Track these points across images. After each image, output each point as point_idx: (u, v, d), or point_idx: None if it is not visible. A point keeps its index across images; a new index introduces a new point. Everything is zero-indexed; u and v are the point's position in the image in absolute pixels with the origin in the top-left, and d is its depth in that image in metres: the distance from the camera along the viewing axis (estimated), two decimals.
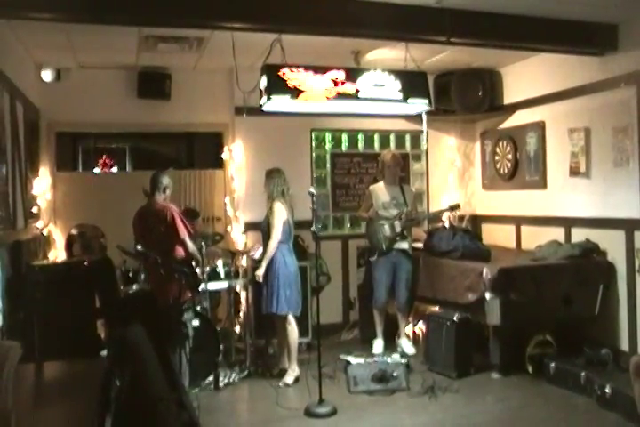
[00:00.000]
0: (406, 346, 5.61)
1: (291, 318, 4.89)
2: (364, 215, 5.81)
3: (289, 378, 4.87)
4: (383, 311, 5.70)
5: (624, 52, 4.99)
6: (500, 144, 6.63)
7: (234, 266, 5.30)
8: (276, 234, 4.83)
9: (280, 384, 4.83)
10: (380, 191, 5.71)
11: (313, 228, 4.55)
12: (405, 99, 4.92)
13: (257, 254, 5.37)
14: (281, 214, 4.86)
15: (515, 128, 6.42)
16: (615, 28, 5.04)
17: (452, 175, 7.06)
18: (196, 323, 4.64)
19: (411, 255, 5.64)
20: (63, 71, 5.91)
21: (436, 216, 6.29)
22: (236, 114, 6.09)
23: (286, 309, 4.83)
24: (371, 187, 5.89)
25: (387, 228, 5.56)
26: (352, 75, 4.77)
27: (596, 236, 5.28)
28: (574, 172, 5.52)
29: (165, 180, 4.83)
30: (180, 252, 4.70)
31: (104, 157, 9.88)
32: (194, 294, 4.67)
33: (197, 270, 4.81)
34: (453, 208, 5.81)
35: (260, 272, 4.83)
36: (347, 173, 6.71)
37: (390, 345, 5.64)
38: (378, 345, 5.64)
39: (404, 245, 5.60)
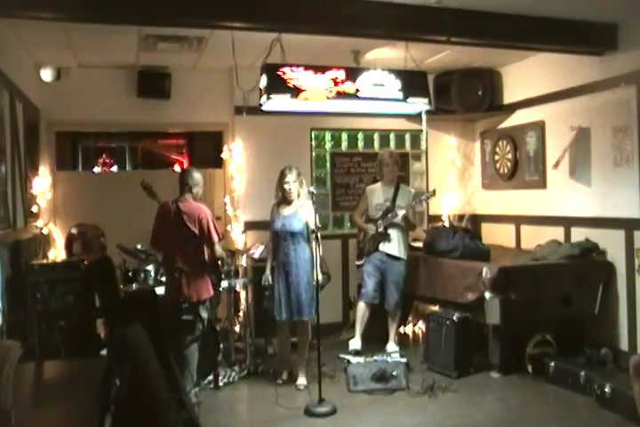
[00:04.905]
0: (391, 349, 5.48)
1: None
2: (359, 222, 5.71)
3: (304, 379, 4.81)
4: (368, 308, 5.51)
5: (624, 51, 4.99)
6: (500, 144, 6.63)
7: (234, 265, 5.30)
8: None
9: (301, 387, 4.74)
10: (376, 192, 5.65)
11: (313, 227, 4.55)
12: (405, 98, 4.91)
13: (257, 254, 5.37)
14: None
15: (514, 128, 6.42)
16: (615, 27, 5.04)
17: (452, 175, 7.06)
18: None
19: (402, 259, 5.51)
20: (63, 71, 5.90)
21: (413, 206, 5.58)
22: (236, 113, 6.09)
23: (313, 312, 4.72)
24: (368, 187, 5.85)
25: (371, 226, 5.52)
26: (352, 74, 4.76)
27: (595, 235, 5.29)
28: (556, 165, 5.57)
29: (192, 179, 4.54)
30: (205, 253, 4.55)
31: (104, 156, 9.90)
32: (216, 292, 4.65)
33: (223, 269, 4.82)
34: (429, 197, 5.60)
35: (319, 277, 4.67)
36: (346, 172, 6.72)
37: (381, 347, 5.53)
38: (354, 345, 5.45)
39: (392, 248, 5.47)
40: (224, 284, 4.99)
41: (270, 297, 4.92)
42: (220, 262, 4.71)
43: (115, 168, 9.95)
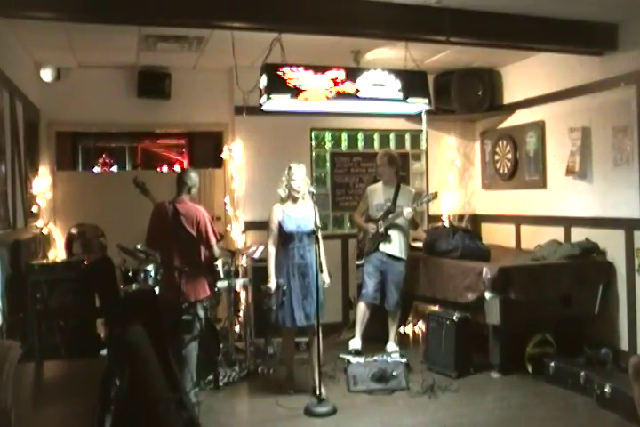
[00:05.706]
0: (391, 349, 5.46)
1: None
2: (360, 222, 5.71)
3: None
4: (368, 308, 5.50)
5: (624, 51, 4.99)
6: (500, 144, 6.63)
7: (234, 265, 5.30)
8: None
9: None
10: (377, 192, 5.64)
11: (313, 227, 4.55)
12: (405, 98, 4.91)
13: (257, 254, 5.36)
14: None
15: (514, 128, 6.42)
16: (615, 27, 5.04)
17: (452, 175, 7.06)
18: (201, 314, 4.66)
19: (403, 259, 5.50)
20: (63, 71, 5.91)
21: (415, 208, 5.44)
22: (236, 113, 6.09)
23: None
24: (369, 187, 5.85)
25: (371, 226, 5.51)
26: (352, 74, 4.76)
27: (595, 235, 5.29)
28: (570, 171, 5.52)
29: (190, 180, 4.51)
30: (203, 254, 4.54)
31: (104, 156, 9.92)
32: (212, 292, 4.65)
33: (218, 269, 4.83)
34: (430, 199, 5.57)
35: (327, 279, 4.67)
36: (346, 172, 6.72)
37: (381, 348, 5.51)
38: (354, 345, 5.43)
39: (392, 249, 5.46)
40: (225, 284, 5.00)
41: (286, 303, 4.56)
42: (216, 264, 4.71)
43: (115, 168, 9.97)
